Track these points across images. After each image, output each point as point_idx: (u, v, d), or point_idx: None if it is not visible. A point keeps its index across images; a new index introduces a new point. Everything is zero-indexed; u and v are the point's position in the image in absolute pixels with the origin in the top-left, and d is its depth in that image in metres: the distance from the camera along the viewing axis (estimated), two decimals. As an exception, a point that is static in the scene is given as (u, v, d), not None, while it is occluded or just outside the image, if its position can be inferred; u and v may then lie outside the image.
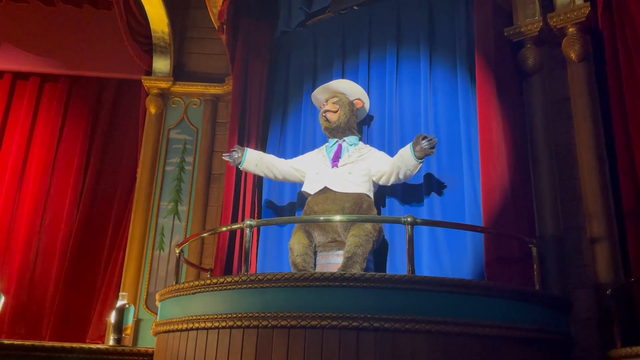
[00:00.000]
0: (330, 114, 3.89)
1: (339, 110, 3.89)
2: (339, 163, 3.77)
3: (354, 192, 3.62)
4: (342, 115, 3.88)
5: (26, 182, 5.42)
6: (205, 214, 5.03)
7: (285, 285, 2.53)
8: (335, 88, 4.05)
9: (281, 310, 2.49)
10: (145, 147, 5.13)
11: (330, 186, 3.67)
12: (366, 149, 3.87)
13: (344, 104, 3.93)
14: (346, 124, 3.90)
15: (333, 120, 3.89)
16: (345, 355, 2.39)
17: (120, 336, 3.22)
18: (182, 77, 5.31)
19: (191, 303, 2.84)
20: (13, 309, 4.71)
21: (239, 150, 4.07)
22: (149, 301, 4.69)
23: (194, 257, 4.74)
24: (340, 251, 3.50)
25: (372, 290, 2.47)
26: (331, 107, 3.91)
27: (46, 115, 5.68)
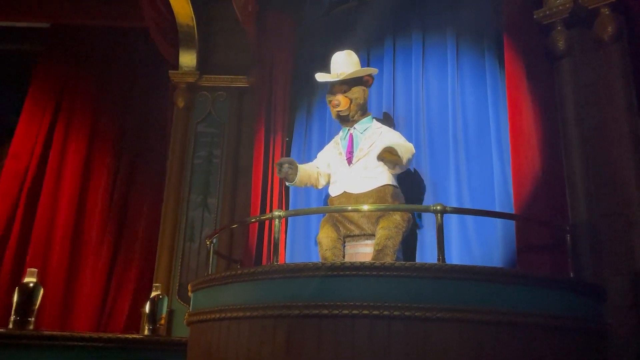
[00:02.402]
0: (342, 111, 3.72)
1: (350, 105, 3.71)
2: (353, 158, 3.68)
3: (374, 188, 3.55)
4: (353, 109, 3.72)
5: (63, 178, 5.56)
6: (234, 206, 5.09)
7: (316, 274, 2.54)
8: (345, 76, 3.74)
9: (312, 299, 2.51)
10: (174, 141, 5.21)
11: (348, 189, 3.60)
12: (377, 132, 3.73)
13: (356, 98, 3.72)
14: (359, 115, 3.76)
15: (345, 114, 3.74)
16: (376, 345, 2.40)
17: (155, 326, 3.30)
18: (208, 70, 5.36)
19: (223, 293, 2.88)
20: (51, 300, 4.86)
21: (291, 164, 3.73)
22: (181, 292, 4.78)
23: (224, 249, 4.81)
24: (369, 241, 3.50)
25: (403, 279, 2.46)
26: (343, 105, 3.70)
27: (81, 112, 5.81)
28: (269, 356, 2.56)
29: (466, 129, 3.87)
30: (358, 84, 3.75)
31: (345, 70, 3.73)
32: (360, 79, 3.77)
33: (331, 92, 3.80)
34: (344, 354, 2.41)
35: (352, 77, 3.74)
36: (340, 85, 3.75)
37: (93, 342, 2.86)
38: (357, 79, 3.76)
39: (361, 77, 3.78)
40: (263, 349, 2.59)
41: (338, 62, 3.80)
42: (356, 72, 3.75)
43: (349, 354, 2.40)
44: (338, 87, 3.76)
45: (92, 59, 5.96)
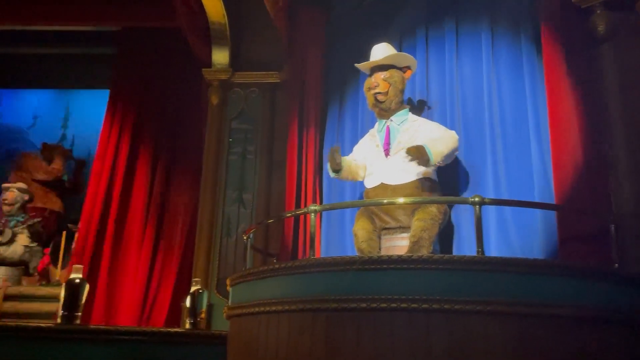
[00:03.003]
0: (381, 95, 3.70)
1: (389, 89, 3.69)
2: (391, 151, 3.66)
3: (412, 180, 3.54)
4: (392, 95, 3.70)
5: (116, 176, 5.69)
6: (269, 200, 5.13)
7: (353, 268, 2.54)
8: (386, 60, 3.75)
9: (350, 293, 2.51)
10: (209, 138, 5.28)
11: (385, 181, 3.58)
12: (415, 125, 3.71)
13: (395, 83, 3.71)
14: (396, 103, 3.74)
15: (384, 100, 3.71)
16: (415, 338, 2.39)
17: (195, 320, 3.37)
18: (241, 67, 5.40)
19: (261, 287, 2.91)
20: (97, 296, 5.02)
21: (338, 156, 3.70)
22: (219, 286, 4.86)
23: (260, 243, 4.85)
24: (405, 234, 3.48)
25: (441, 272, 2.44)
26: (382, 87, 3.69)
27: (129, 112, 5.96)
28: (308, 350, 2.58)
29: (503, 118, 3.79)
30: (398, 72, 3.76)
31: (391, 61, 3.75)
32: (398, 67, 3.77)
33: (371, 77, 3.81)
34: (383, 348, 2.41)
35: (389, 61, 3.75)
36: (379, 71, 3.76)
37: (137, 335, 2.95)
38: (395, 66, 3.76)
39: (400, 67, 3.77)
40: (302, 342, 2.61)
41: (378, 51, 3.82)
42: (393, 57, 3.75)
43: (388, 348, 2.40)
44: (377, 74, 3.77)
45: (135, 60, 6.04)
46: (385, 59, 3.77)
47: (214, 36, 5.29)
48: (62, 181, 7.11)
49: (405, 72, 3.82)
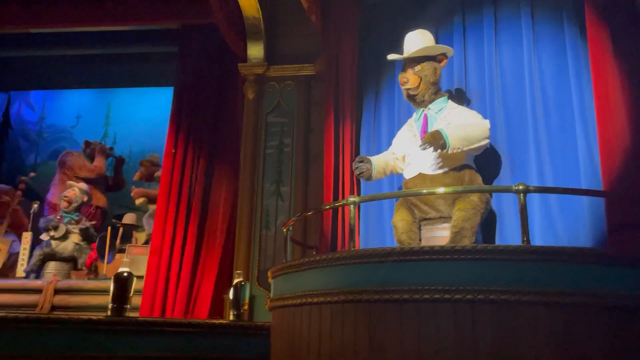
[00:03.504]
0: (412, 90, 3.64)
1: (420, 83, 3.62)
2: None
3: (451, 169, 3.47)
4: (424, 89, 3.63)
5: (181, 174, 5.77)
6: (306, 193, 5.15)
7: (395, 259, 2.53)
8: (417, 53, 3.67)
9: (392, 284, 2.50)
10: (246, 132, 5.33)
11: (423, 171, 3.54)
12: (452, 112, 3.63)
13: (426, 76, 3.62)
14: (430, 95, 3.65)
15: (415, 93, 3.65)
16: (460, 329, 2.36)
17: (239, 312, 3.43)
18: (275, 60, 5.42)
19: (303, 279, 2.93)
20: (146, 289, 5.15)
21: (365, 161, 3.77)
22: (260, 278, 4.93)
23: (298, 235, 4.89)
24: (446, 224, 3.43)
25: (486, 262, 2.40)
26: (412, 82, 3.62)
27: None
28: (351, 341, 2.58)
29: (546, 103, 3.68)
30: (430, 62, 3.66)
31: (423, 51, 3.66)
32: (432, 57, 3.67)
33: (403, 71, 3.74)
34: (427, 339, 2.39)
35: (420, 54, 3.66)
36: (410, 64, 3.68)
37: (183, 327, 3.02)
38: (429, 57, 3.67)
39: (433, 56, 3.68)
40: (345, 333, 2.62)
41: (411, 41, 3.74)
42: (423, 50, 3.66)
43: (433, 339, 2.38)
44: (409, 66, 3.70)
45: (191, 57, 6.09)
46: (416, 52, 3.67)
47: (248, 31, 5.32)
48: (104, 178, 7.34)
49: (441, 62, 3.73)
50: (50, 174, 7.34)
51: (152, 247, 5.26)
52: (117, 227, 6.36)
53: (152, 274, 5.14)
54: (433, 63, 3.67)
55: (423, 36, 3.74)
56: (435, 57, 3.71)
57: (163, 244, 5.25)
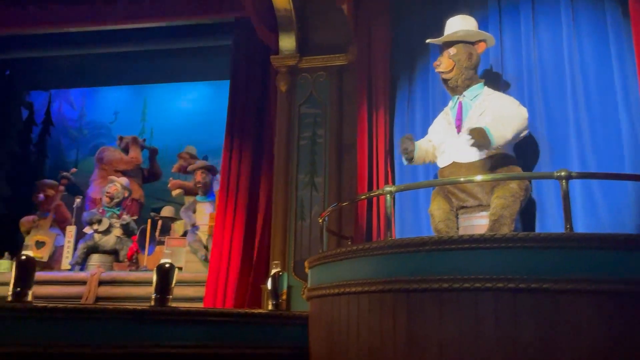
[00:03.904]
0: (445, 74, 3.59)
1: (454, 68, 3.56)
2: (462, 127, 3.52)
3: (484, 158, 3.41)
4: (457, 74, 3.56)
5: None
6: (340, 183, 5.15)
7: (434, 248, 2.52)
8: (454, 36, 3.62)
9: (431, 273, 2.49)
10: (279, 124, 5.36)
11: (458, 159, 3.48)
12: (488, 99, 3.55)
13: (460, 60, 3.56)
14: (463, 81, 3.58)
15: (449, 78, 3.59)
16: (502, 318, 2.33)
17: (277, 301, 3.47)
18: (307, 51, 5.41)
19: (340, 269, 2.95)
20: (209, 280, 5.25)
21: (410, 143, 3.68)
22: (296, 268, 4.97)
23: (334, 226, 4.89)
24: (484, 212, 3.38)
25: (527, 250, 2.36)
26: (445, 66, 3.57)
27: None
28: (390, 330, 2.59)
29: (587, 87, 3.57)
30: (466, 47, 3.60)
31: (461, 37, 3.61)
32: (469, 43, 3.61)
33: (440, 55, 3.70)
34: (468, 329, 2.37)
35: (456, 38, 3.60)
36: (447, 48, 3.63)
37: (224, 317, 3.09)
38: (466, 42, 3.61)
39: (472, 42, 3.61)
40: (383, 323, 2.63)
41: (451, 25, 3.69)
42: (461, 34, 3.60)
43: (473, 328, 2.36)
44: (446, 50, 3.65)
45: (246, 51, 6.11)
46: (451, 36, 3.62)
47: (280, 23, 5.33)
48: (140, 169, 7.52)
49: (478, 46, 3.65)
50: (90, 170, 7.56)
51: (215, 239, 5.33)
52: (156, 220, 6.51)
53: (215, 266, 5.20)
54: (469, 47, 3.61)
55: (464, 21, 3.68)
56: (474, 43, 3.64)
57: (223, 237, 5.29)
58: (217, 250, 5.29)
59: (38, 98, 8.49)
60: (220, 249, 5.28)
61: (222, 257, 5.25)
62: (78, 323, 2.80)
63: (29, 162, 8.13)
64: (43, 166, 8.22)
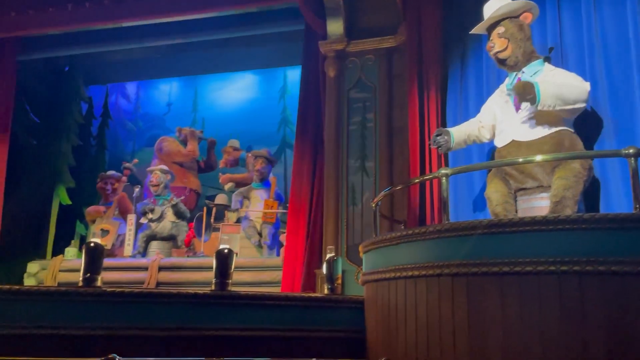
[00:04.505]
0: (501, 53, 3.44)
1: (508, 44, 3.42)
2: (522, 104, 3.39)
3: (548, 134, 3.27)
4: (514, 48, 3.41)
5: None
6: (391, 167, 5.11)
7: (493, 231, 2.46)
8: (496, 14, 3.50)
9: (491, 257, 2.44)
10: (329, 110, 5.35)
11: (518, 138, 3.35)
12: (550, 75, 3.39)
13: (513, 34, 3.42)
14: (523, 54, 3.44)
15: (506, 57, 3.44)
16: (566, 302, 2.27)
17: (333, 285, 3.50)
18: (355, 35, 5.36)
19: (396, 253, 2.94)
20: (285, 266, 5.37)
21: (444, 133, 3.68)
22: (349, 253, 4.99)
23: (386, 210, 4.87)
24: (544, 194, 3.27)
25: (593, 231, 2.28)
26: (499, 44, 3.44)
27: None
28: (449, 314, 2.56)
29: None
30: (512, 21, 3.47)
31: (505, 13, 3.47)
32: (514, 17, 3.48)
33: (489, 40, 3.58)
34: (531, 312, 2.32)
35: (500, 16, 3.48)
36: (494, 30, 3.51)
37: (282, 301, 3.14)
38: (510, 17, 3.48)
39: (516, 16, 3.48)
40: (442, 307, 2.61)
41: (489, 8, 3.58)
42: (502, 10, 3.47)
43: (536, 312, 2.31)
44: (494, 33, 3.53)
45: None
46: (494, 16, 3.49)
47: (327, 7, 5.29)
48: (197, 161, 7.74)
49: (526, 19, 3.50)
50: (146, 160, 7.85)
51: (289, 227, 5.41)
52: (211, 207, 6.70)
53: (291, 252, 5.30)
54: (516, 20, 3.48)
55: (500, 1, 3.54)
56: (518, 16, 3.50)
57: (299, 224, 5.34)
58: (292, 238, 5.34)
59: (96, 92, 8.85)
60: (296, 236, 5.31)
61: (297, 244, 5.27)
62: (144, 307, 2.93)
63: (90, 155, 8.52)
64: (103, 158, 8.59)
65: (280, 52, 7.66)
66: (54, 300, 2.79)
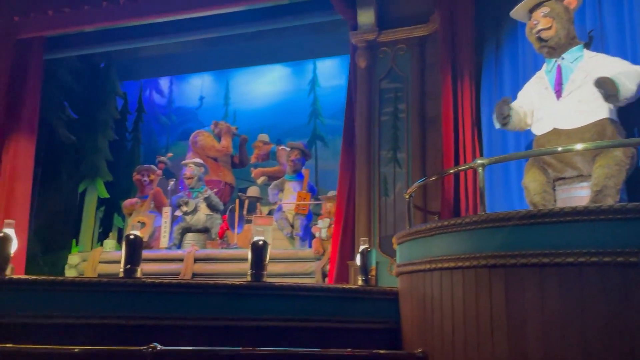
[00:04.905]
0: (545, 32, 3.33)
1: (553, 24, 3.31)
2: (563, 92, 3.29)
3: (591, 122, 3.17)
4: (559, 29, 3.31)
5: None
6: (424, 157, 5.05)
7: (532, 222, 2.41)
8: None
9: (530, 248, 2.40)
10: (360, 101, 5.32)
11: (558, 126, 3.26)
12: (593, 61, 3.30)
13: (558, 14, 3.31)
14: (566, 37, 3.34)
15: (549, 37, 3.33)
16: (610, 295, 2.21)
17: (367, 277, 3.50)
18: (386, 25, 5.30)
19: (432, 244, 2.91)
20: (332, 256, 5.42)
21: (506, 107, 3.43)
22: (381, 244, 4.98)
23: (419, 201, 4.82)
24: (585, 183, 3.19)
25: (637, 222, 2.20)
26: (543, 23, 3.32)
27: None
28: (487, 306, 2.53)
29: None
30: (559, 3, 3.37)
31: None
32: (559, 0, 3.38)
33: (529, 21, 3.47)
34: (573, 305, 2.27)
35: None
36: (537, 10, 3.41)
37: (316, 292, 3.17)
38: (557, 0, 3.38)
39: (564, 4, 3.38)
40: (480, 299, 2.57)
41: None
42: None
43: (579, 305, 2.26)
44: (535, 13, 3.43)
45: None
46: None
47: (358, -4, 5.26)
48: (230, 156, 7.83)
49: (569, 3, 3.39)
50: (180, 154, 7.98)
51: (337, 217, 5.40)
52: (243, 200, 6.77)
53: (336, 243, 5.29)
54: (561, 2, 3.38)
55: None
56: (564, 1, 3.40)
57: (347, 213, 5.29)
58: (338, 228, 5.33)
59: (131, 88, 9.02)
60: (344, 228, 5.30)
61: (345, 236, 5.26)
62: (183, 297, 2.99)
63: (126, 149, 8.72)
64: (139, 152, 8.78)
65: (311, 44, 7.65)
66: (98, 292, 2.88)
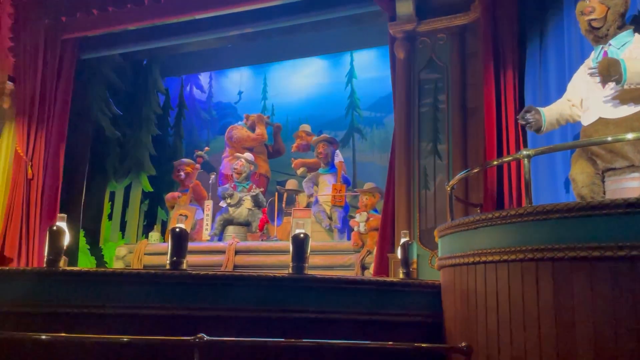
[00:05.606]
0: (597, 22, 3.21)
1: (608, 14, 3.18)
2: None
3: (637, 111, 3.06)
4: (611, 20, 3.18)
5: None
6: (466, 149, 4.96)
7: (581, 214, 2.34)
8: None
9: (579, 241, 2.33)
10: (399, 92, 5.27)
11: (604, 115, 3.16)
12: (636, 44, 3.16)
13: (616, 4, 3.18)
14: (615, 29, 3.21)
15: (601, 25, 3.21)
16: (665, 289, 2.12)
17: (408, 270, 3.48)
18: (425, 14, 5.23)
19: (475, 237, 2.86)
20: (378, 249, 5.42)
21: (534, 111, 3.47)
22: (422, 237, 4.94)
23: (460, 193, 4.75)
24: (636, 173, 3.07)
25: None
26: (599, 12, 3.18)
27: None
28: (534, 301, 2.48)
29: None
30: None
31: None
32: None
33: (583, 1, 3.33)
34: (625, 301, 2.20)
35: None
36: None
37: (359, 284, 3.17)
38: None
39: None
40: (526, 293, 2.52)
41: None
42: None
43: (631, 301, 2.18)
44: None
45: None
46: None
47: (397, -14, 5.19)
48: (265, 146, 7.90)
49: None
50: (220, 148, 8.13)
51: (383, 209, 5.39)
52: (282, 193, 6.83)
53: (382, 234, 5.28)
54: None
55: None
56: None
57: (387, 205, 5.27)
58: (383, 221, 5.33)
59: (172, 84, 9.22)
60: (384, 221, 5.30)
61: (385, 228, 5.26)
62: (227, 289, 3.05)
63: (168, 144, 8.93)
64: (180, 147, 8.99)
65: (348, 36, 7.62)
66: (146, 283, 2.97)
